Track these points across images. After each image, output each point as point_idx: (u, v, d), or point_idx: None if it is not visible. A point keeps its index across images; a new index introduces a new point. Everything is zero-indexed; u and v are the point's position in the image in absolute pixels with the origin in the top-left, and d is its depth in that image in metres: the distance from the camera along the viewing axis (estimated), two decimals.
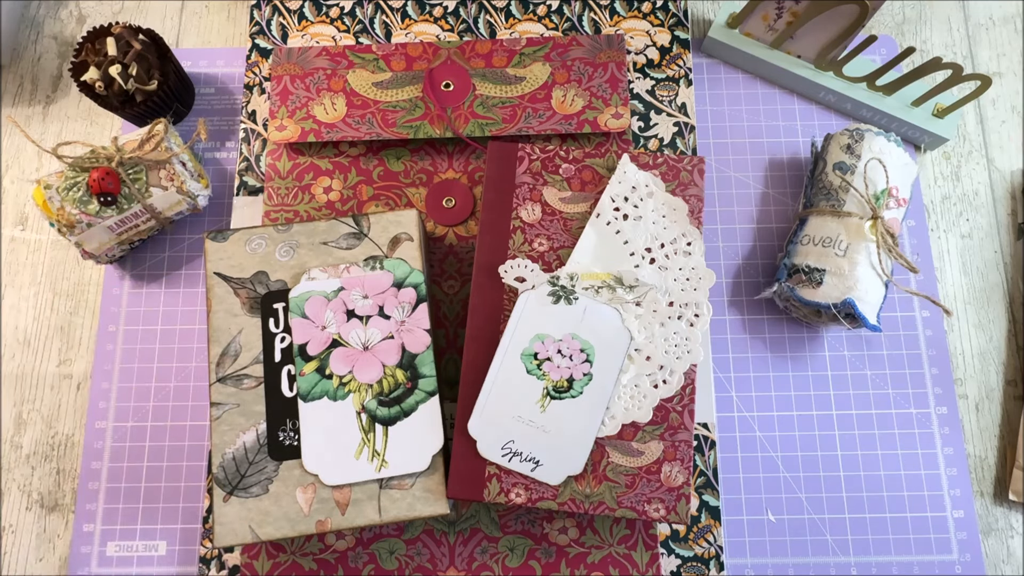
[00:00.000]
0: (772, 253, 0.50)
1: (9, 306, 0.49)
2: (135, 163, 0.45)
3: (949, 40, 0.55)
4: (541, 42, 0.50)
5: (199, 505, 0.45)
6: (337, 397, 0.40)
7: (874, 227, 0.44)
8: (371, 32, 0.54)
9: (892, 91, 0.50)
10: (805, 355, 0.48)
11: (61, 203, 0.44)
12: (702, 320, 0.41)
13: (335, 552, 0.44)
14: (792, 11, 0.48)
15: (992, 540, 0.45)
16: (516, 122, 0.48)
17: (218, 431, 0.40)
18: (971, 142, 0.53)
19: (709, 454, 0.46)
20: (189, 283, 0.49)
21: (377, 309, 0.41)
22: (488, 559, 0.44)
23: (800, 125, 0.52)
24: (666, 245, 0.42)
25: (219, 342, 0.41)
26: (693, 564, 0.44)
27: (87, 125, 0.53)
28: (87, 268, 0.50)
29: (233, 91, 0.53)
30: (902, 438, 0.47)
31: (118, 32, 0.47)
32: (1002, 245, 0.50)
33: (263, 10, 0.54)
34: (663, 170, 0.43)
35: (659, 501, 0.39)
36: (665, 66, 0.53)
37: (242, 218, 0.50)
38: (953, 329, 0.49)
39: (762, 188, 0.51)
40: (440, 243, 0.49)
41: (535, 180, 0.43)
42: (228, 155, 0.52)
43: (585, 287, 0.41)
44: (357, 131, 0.48)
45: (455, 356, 0.47)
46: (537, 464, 0.39)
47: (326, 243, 0.42)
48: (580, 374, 0.40)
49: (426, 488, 0.39)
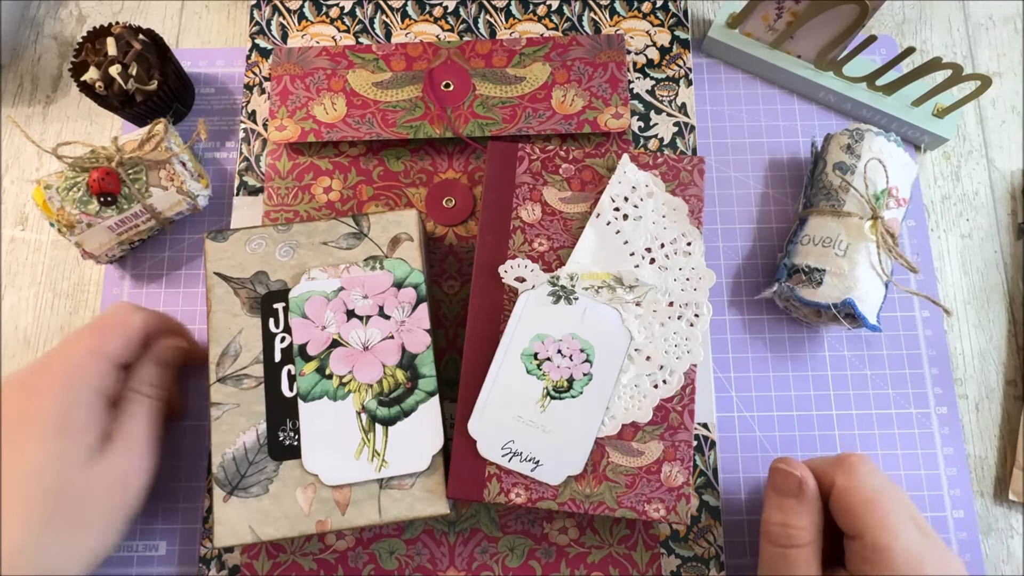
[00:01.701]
0: (772, 253, 0.50)
1: (9, 306, 0.49)
2: (135, 163, 0.45)
3: (949, 40, 0.55)
4: (541, 42, 0.50)
5: (199, 505, 0.45)
6: (337, 397, 0.40)
7: (874, 227, 0.44)
8: (371, 32, 0.54)
9: (892, 91, 0.50)
10: (805, 355, 0.48)
11: (61, 203, 0.44)
12: (702, 320, 0.41)
13: (335, 552, 0.44)
14: (792, 11, 0.48)
15: (992, 540, 0.45)
16: (516, 122, 0.48)
17: (218, 431, 0.40)
18: (971, 142, 0.53)
19: (709, 454, 0.46)
20: (189, 283, 0.49)
21: (377, 309, 0.41)
22: (488, 559, 0.44)
23: (800, 125, 0.52)
24: (666, 245, 0.42)
25: (219, 342, 0.41)
26: (693, 564, 0.44)
27: (87, 125, 0.53)
28: (87, 268, 0.50)
29: (233, 91, 0.53)
30: (902, 438, 0.47)
31: (118, 32, 0.47)
32: (1002, 245, 0.50)
33: (263, 10, 0.54)
34: (663, 170, 0.43)
35: (659, 501, 0.39)
36: (665, 66, 0.53)
37: (242, 218, 0.50)
38: (953, 329, 0.49)
39: (762, 188, 0.51)
40: (440, 243, 0.49)
41: (535, 180, 0.43)
42: (228, 155, 0.52)
43: (585, 287, 0.41)
44: (357, 131, 0.48)
45: (455, 356, 0.47)
46: (537, 464, 0.39)
47: (326, 243, 0.42)
48: (580, 374, 0.40)
49: (426, 488, 0.39)
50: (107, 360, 0.38)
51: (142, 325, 0.40)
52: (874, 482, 0.36)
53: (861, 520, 0.35)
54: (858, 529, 0.35)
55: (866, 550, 0.34)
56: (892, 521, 0.34)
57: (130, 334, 0.40)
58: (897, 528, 0.34)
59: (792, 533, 0.37)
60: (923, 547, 0.34)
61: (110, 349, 0.39)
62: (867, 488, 0.36)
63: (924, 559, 0.34)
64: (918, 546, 0.34)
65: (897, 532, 0.34)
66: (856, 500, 0.35)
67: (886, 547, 0.34)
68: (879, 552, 0.34)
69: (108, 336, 0.39)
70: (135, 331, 0.40)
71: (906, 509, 0.35)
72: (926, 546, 0.34)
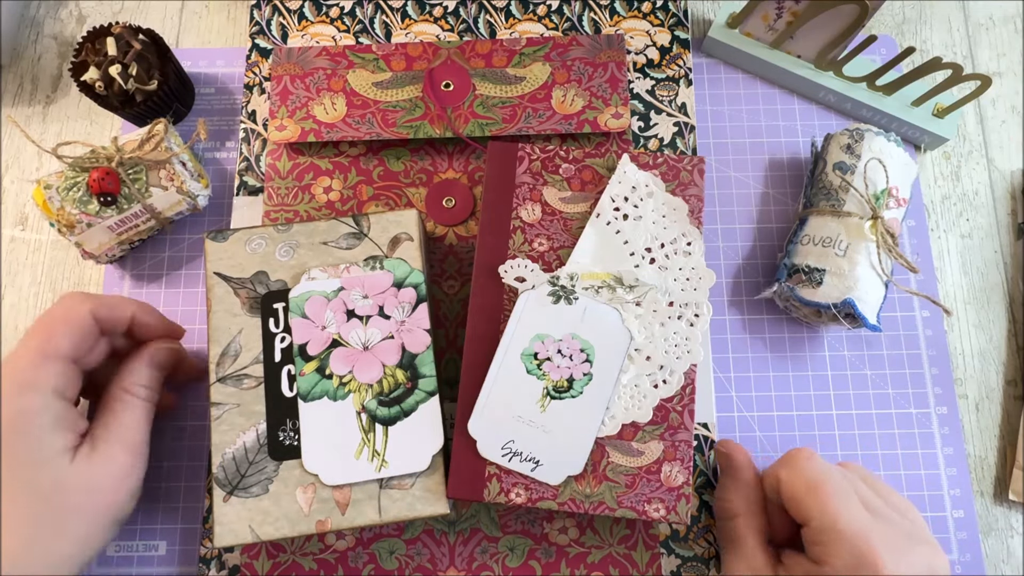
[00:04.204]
0: (772, 253, 0.50)
1: (9, 306, 0.49)
2: (135, 163, 0.45)
3: (949, 40, 0.55)
4: (541, 42, 0.50)
5: (199, 505, 0.45)
6: (337, 397, 0.40)
7: (874, 227, 0.44)
8: (371, 32, 0.54)
9: (892, 91, 0.50)
10: (805, 355, 0.48)
11: (61, 203, 0.44)
12: (702, 320, 0.41)
13: (335, 552, 0.44)
14: (792, 11, 0.48)
15: (992, 540, 0.45)
16: (516, 122, 0.48)
17: (218, 431, 0.40)
18: (971, 142, 0.53)
19: (709, 454, 0.46)
20: (189, 283, 0.49)
21: (377, 309, 0.41)
22: (488, 559, 0.44)
23: (800, 125, 0.52)
24: (666, 245, 0.42)
25: (219, 342, 0.41)
26: (693, 564, 0.44)
27: (87, 125, 0.53)
28: (87, 268, 0.50)
29: (233, 91, 0.53)
30: (902, 438, 0.47)
31: (118, 32, 0.47)
32: (1002, 245, 0.50)
33: (263, 10, 0.54)
34: (663, 170, 0.43)
35: (659, 501, 0.39)
36: (665, 66, 0.53)
37: (242, 218, 0.50)
38: (953, 329, 0.49)
39: (762, 188, 0.51)
40: (440, 243, 0.49)
41: (535, 180, 0.43)
42: (228, 155, 0.52)
43: (585, 287, 0.41)
44: (357, 131, 0.48)
45: (455, 356, 0.47)
46: (537, 464, 0.39)
47: (326, 243, 0.42)
48: (580, 374, 0.40)
49: (426, 488, 0.39)
50: (59, 359, 0.36)
51: (89, 315, 0.38)
52: (814, 468, 0.38)
53: (805, 506, 0.36)
54: (805, 516, 0.37)
55: (814, 533, 0.36)
56: (834, 503, 0.36)
57: (79, 327, 0.37)
58: (839, 508, 0.36)
59: (726, 506, 0.42)
60: (868, 523, 0.35)
61: (60, 347, 0.36)
62: (807, 476, 0.37)
63: (870, 533, 0.35)
64: (863, 522, 0.35)
65: (839, 512, 0.35)
66: (799, 488, 0.37)
67: (830, 527, 0.35)
68: (825, 533, 0.35)
69: (55, 334, 0.37)
70: (83, 323, 0.37)
71: (850, 490, 0.37)
72: (871, 522, 0.35)
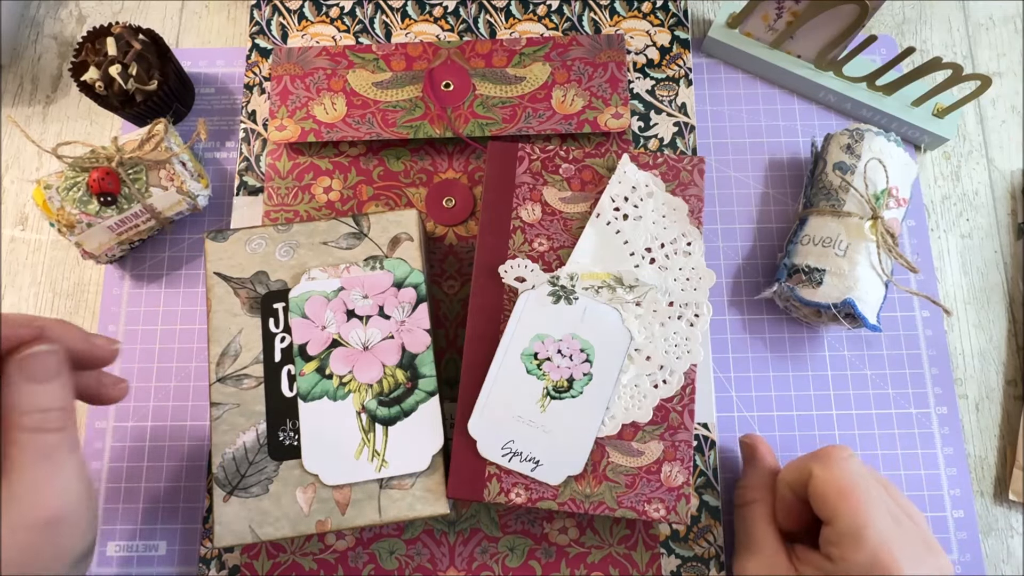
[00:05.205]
0: (772, 253, 0.50)
1: (9, 306, 0.49)
2: (135, 163, 0.45)
3: (949, 40, 0.55)
4: (541, 42, 0.50)
5: (199, 505, 0.45)
6: (337, 397, 0.40)
7: (874, 227, 0.44)
8: (371, 32, 0.54)
9: (892, 91, 0.50)
10: (805, 355, 0.48)
11: (61, 203, 0.44)
12: (702, 320, 0.41)
13: (335, 552, 0.44)
14: (792, 11, 0.48)
15: (992, 540, 0.45)
16: (516, 122, 0.48)
17: (218, 431, 0.40)
18: (971, 142, 0.53)
19: (709, 454, 0.46)
20: (189, 283, 0.49)
21: (377, 309, 0.41)
22: (488, 559, 0.44)
23: (800, 125, 0.52)
24: (666, 245, 0.42)
25: (219, 342, 0.41)
26: (693, 564, 0.44)
27: (87, 125, 0.53)
28: (87, 268, 0.50)
29: (233, 91, 0.53)
30: (902, 438, 0.47)
31: (118, 32, 0.47)
32: (1002, 245, 0.50)
33: (263, 10, 0.54)
34: (663, 170, 0.43)
35: (659, 501, 0.39)
36: (665, 66, 0.53)
37: (242, 218, 0.50)
38: (953, 329, 0.49)
39: (762, 188, 0.51)
40: (440, 243, 0.49)
41: (535, 180, 0.43)
42: (228, 155, 0.52)
43: (585, 287, 0.41)
44: (357, 131, 0.48)
45: (455, 356, 0.47)
46: (537, 464, 0.39)
47: (326, 243, 0.42)
48: (580, 374, 0.40)
49: (426, 488, 0.39)
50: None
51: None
52: (849, 471, 0.37)
53: (834, 507, 0.36)
54: (830, 515, 0.36)
55: (836, 535, 0.36)
56: (864, 510, 0.35)
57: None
58: (869, 517, 0.35)
59: (743, 493, 0.42)
60: (892, 533, 0.35)
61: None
62: (841, 479, 0.37)
63: (893, 543, 0.34)
64: (889, 532, 0.35)
65: (868, 520, 0.35)
66: (831, 489, 0.37)
67: (856, 533, 0.35)
68: (848, 536, 0.35)
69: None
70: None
71: (881, 498, 0.36)
72: (895, 532, 0.35)
